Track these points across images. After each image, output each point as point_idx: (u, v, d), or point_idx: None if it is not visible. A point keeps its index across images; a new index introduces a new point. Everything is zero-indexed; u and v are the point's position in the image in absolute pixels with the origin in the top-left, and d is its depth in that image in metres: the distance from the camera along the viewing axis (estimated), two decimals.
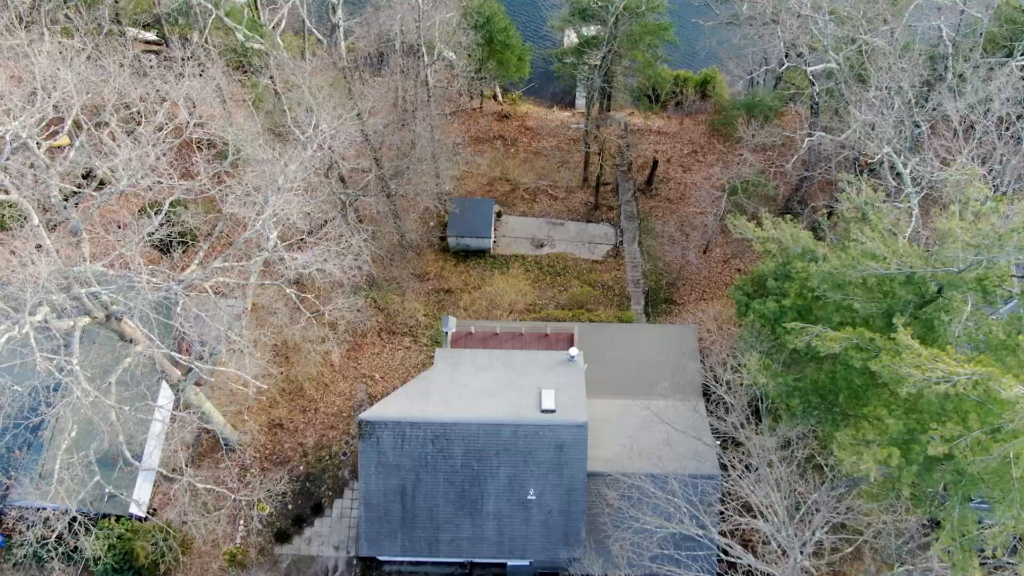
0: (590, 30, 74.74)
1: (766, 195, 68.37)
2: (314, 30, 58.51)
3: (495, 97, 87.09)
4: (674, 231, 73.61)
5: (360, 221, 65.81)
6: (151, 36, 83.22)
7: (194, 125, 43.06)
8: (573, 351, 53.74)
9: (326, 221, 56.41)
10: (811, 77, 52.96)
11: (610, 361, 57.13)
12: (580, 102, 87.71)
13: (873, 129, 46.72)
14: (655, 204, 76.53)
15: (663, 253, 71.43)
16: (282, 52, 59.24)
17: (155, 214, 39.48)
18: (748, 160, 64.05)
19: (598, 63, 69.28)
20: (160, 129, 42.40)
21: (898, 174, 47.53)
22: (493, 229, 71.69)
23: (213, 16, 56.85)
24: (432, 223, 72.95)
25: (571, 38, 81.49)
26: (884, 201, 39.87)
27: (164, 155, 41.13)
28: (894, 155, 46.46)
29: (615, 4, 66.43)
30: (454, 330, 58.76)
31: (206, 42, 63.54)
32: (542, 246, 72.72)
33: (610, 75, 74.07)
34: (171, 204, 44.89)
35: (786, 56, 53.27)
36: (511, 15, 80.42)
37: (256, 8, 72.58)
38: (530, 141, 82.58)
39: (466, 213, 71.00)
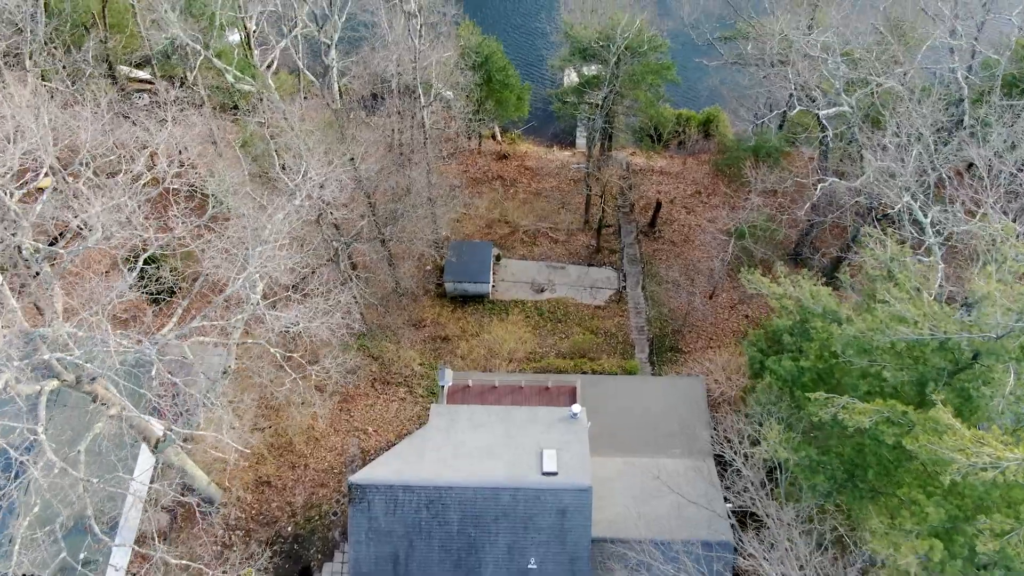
0: (591, 69, 72.21)
1: (774, 240, 65.30)
2: (306, 72, 55.75)
3: (494, 136, 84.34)
4: (679, 275, 70.43)
5: (354, 267, 62.65)
6: (144, 75, 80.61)
7: (173, 176, 39.97)
8: (576, 408, 50.35)
9: (314, 270, 53.32)
10: (823, 121, 50.10)
11: (614, 416, 53.70)
12: (581, 141, 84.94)
13: (893, 177, 43.70)
14: (659, 247, 73.44)
15: (668, 298, 68.17)
16: (273, 94, 56.41)
17: (128, 271, 36.23)
18: (756, 204, 60.98)
19: (599, 103, 66.54)
20: (137, 179, 39.31)
21: (918, 223, 44.49)
22: (492, 273, 68.54)
23: (202, 57, 54.06)
24: (429, 267, 69.76)
25: (571, 77, 78.92)
26: (910, 256, 36.68)
27: (140, 207, 37.97)
28: (914, 204, 43.41)
29: (616, 44, 63.90)
30: (450, 383, 55.37)
31: (194, 84, 60.86)
32: (542, 291, 69.52)
33: (611, 115, 71.35)
34: (148, 259, 41.70)
35: (796, 100, 50.48)
36: (509, 54, 77.90)
37: (248, 47, 69.98)
38: (530, 182, 79.69)
39: (464, 257, 67.87)
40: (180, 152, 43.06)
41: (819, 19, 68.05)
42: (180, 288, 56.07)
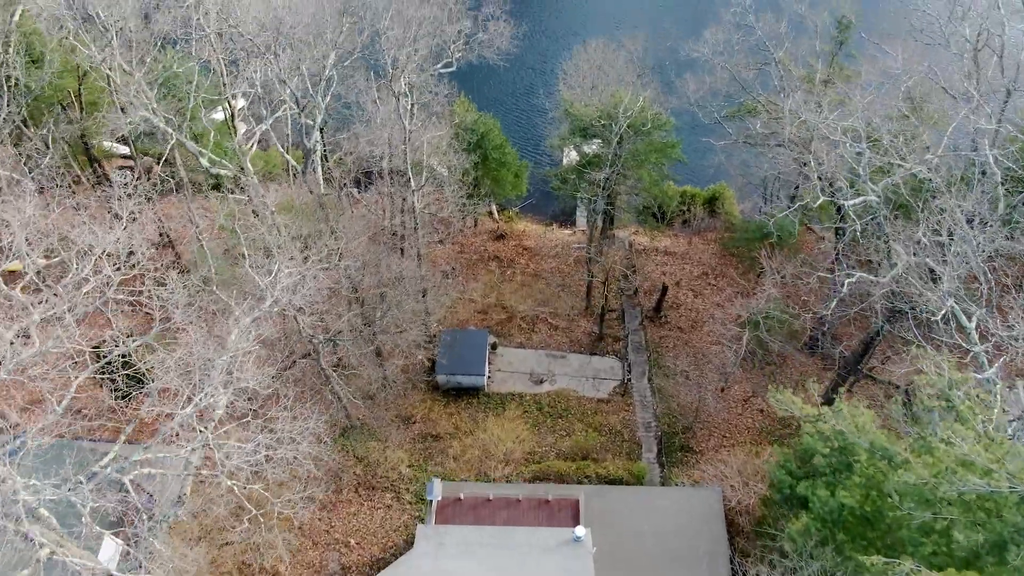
0: (591, 147, 67.31)
1: (791, 331, 59.45)
2: (288, 157, 50.61)
3: (491, 215, 79.19)
4: (687, 365, 64.34)
5: (338, 362, 56.75)
6: (125, 150, 75.83)
7: (119, 283, 34.34)
8: (579, 530, 43.94)
9: (288, 366, 47.32)
10: (848, 211, 44.71)
11: (622, 535, 47.23)
12: (581, 220, 79.79)
13: (933, 278, 38.05)
14: (665, 334, 67.54)
15: (676, 391, 61.97)
16: (251, 178, 51.22)
17: (58, 403, 30.31)
18: (771, 295, 55.25)
19: (601, 184, 61.36)
20: (80, 286, 33.65)
21: (961, 327, 38.70)
22: (488, 363, 62.56)
23: (174, 140, 48.95)
24: (420, 356, 63.69)
25: (571, 156, 74.02)
26: (972, 383, 30.69)
27: (79, 320, 32.24)
28: (957, 307, 37.69)
29: (619, 123, 59.04)
30: (439, 498, 49.00)
31: (173, 162, 55.89)
32: (542, 382, 63.41)
33: (613, 195, 66.20)
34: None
35: (820, 190, 45.07)
36: (507, 130, 73.16)
37: (231, 126, 65.15)
38: (528, 263, 74.20)
39: (457, 347, 61.96)
40: (130, 254, 37.53)
41: (834, 98, 63.51)
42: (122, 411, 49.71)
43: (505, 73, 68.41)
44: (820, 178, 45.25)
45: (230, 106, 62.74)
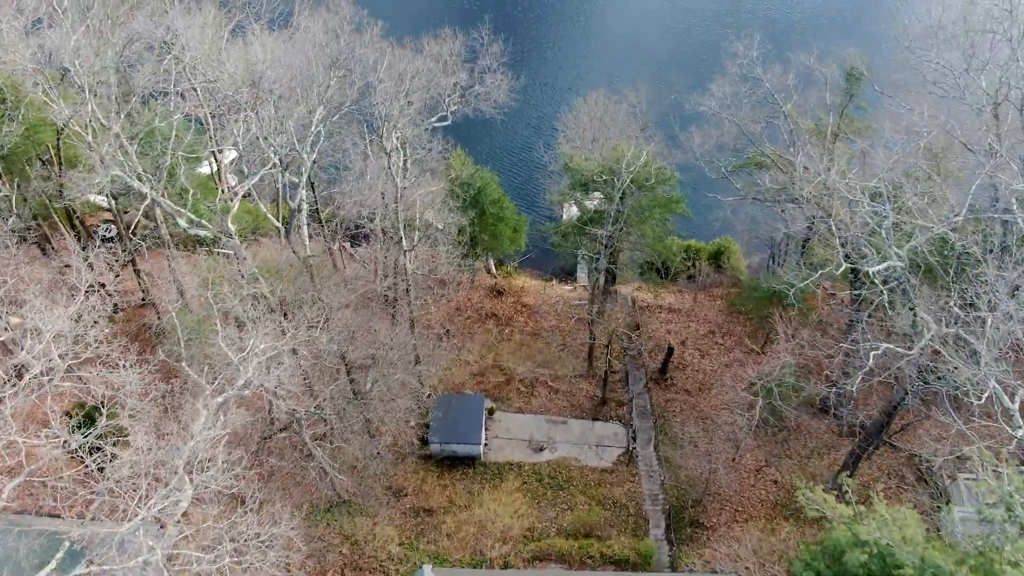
0: (592, 202, 63.72)
1: (807, 400, 55.25)
2: (270, 216, 46.85)
3: (488, 270, 75.41)
4: (695, 431, 59.96)
5: (324, 434, 52.41)
6: (103, 202, 72.05)
7: (62, 375, 30.25)
8: None
9: (267, 437, 42.99)
10: (874, 279, 40.79)
11: None
12: (582, 275, 76.05)
13: (976, 361, 34.01)
14: (671, 397, 63.26)
15: (685, 461, 57.48)
16: (234, 239, 47.44)
17: None
18: (785, 362, 51.11)
19: (603, 242, 57.63)
20: (21, 374, 29.55)
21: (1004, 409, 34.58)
22: (484, 430, 58.25)
23: (147, 200, 45.28)
24: (412, 423, 59.37)
25: (571, 212, 70.47)
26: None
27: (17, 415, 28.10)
28: (1000, 389, 33.63)
29: (621, 177, 55.50)
30: None
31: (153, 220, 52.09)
32: (542, 450, 58.94)
33: (616, 252, 62.48)
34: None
35: (843, 257, 41.15)
36: (505, 184, 69.81)
37: (217, 181, 61.73)
38: (527, 320, 70.19)
39: (452, 413, 57.64)
40: (74, 342, 33.33)
41: (845, 151, 60.12)
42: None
43: (503, 126, 65.31)
44: (843, 244, 41.36)
45: (216, 160, 59.42)
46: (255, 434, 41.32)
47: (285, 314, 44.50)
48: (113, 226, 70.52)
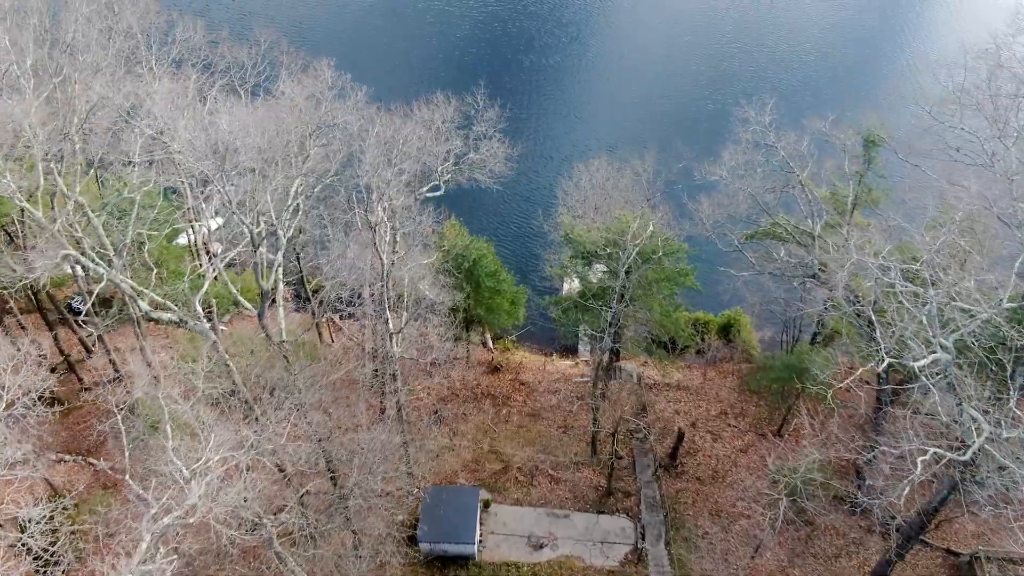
0: (595, 274, 58.87)
1: (835, 496, 49.49)
2: (239, 297, 41.76)
3: (484, 344, 70.17)
4: (709, 524, 54.04)
5: (299, 536, 46.43)
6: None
7: None
8: None
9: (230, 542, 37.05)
10: (919, 373, 35.47)
11: None
12: (583, 349, 70.75)
13: None
14: (682, 486, 57.34)
15: (699, 562, 51.37)
16: (201, 323, 42.29)
17: None
18: (811, 458, 45.45)
19: (608, 320, 52.56)
20: None
21: None
22: (479, 525, 52.31)
23: (104, 283, 40.28)
24: (400, 517, 53.32)
25: (573, 283, 65.57)
26: None
27: None
28: None
29: (627, 251, 50.71)
30: None
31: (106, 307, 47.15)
32: (541, 547, 52.86)
33: (621, 328, 57.31)
34: None
35: (885, 352, 35.76)
36: (502, 254, 65.08)
37: (195, 255, 56.93)
38: (525, 399, 64.62)
39: (443, 508, 51.74)
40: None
41: (863, 222, 55.50)
42: None
43: (499, 195, 60.82)
44: (891, 337, 35.99)
45: (193, 231, 54.74)
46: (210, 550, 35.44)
47: (253, 410, 39.12)
48: (82, 299, 65.43)
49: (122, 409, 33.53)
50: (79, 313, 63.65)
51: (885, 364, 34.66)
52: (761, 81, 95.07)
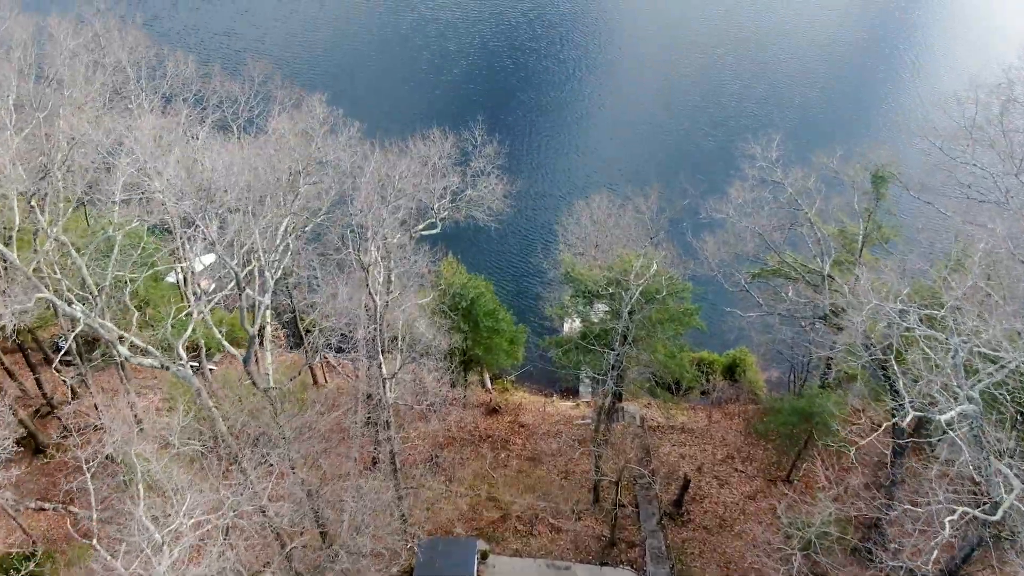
0: (596, 314, 56.60)
1: (853, 549, 46.70)
2: (224, 342, 39.43)
3: (483, 384, 67.67)
4: None
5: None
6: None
7: None
8: None
9: None
10: (944, 427, 33.14)
11: None
12: (584, 390, 68.23)
13: None
14: (689, 535, 54.50)
15: None
16: (184, 369, 39.90)
17: None
18: (827, 512, 42.78)
19: (611, 363, 50.16)
20: None
21: None
22: None
23: (80, 326, 37.96)
24: (395, 570, 50.51)
25: (574, 322, 63.25)
26: None
27: None
28: None
29: (630, 291, 48.50)
30: None
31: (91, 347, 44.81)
32: None
33: (623, 370, 54.90)
34: None
35: (910, 405, 33.31)
36: (500, 292, 62.87)
37: (183, 296, 54.64)
38: (524, 443, 61.96)
39: (439, 560, 48.84)
40: None
41: (870, 259, 53.38)
42: None
43: (497, 232, 58.76)
44: (918, 394, 33.51)
45: (181, 270, 52.58)
46: None
47: (238, 462, 36.56)
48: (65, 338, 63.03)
49: (91, 467, 31.03)
50: (60, 351, 61.30)
51: (910, 417, 32.16)
52: (766, 117, 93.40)
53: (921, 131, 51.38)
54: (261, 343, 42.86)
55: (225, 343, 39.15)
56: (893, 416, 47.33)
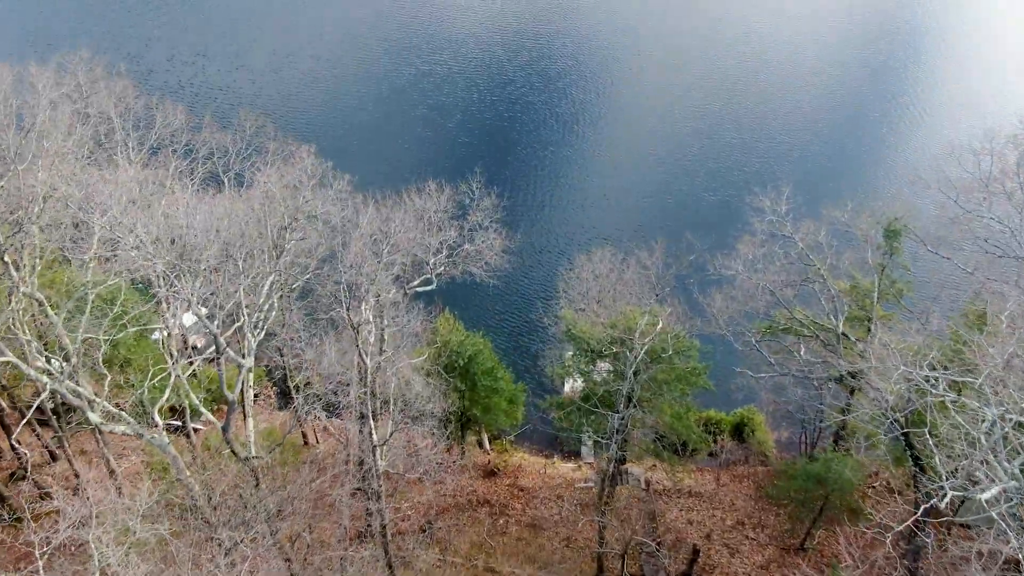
0: (599, 374, 53.60)
1: None
2: (203, 409, 36.45)
3: (480, 444, 64.32)
4: None
5: None
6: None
7: None
8: None
9: None
10: (984, 505, 30.08)
11: None
12: (586, 451, 64.81)
13: None
14: None
15: None
16: (159, 437, 36.88)
17: None
18: None
19: (614, 426, 47.04)
20: None
21: None
22: None
23: (47, 391, 35.07)
24: None
25: (576, 384, 60.21)
26: None
27: None
28: None
29: (635, 350, 45.62)
30: None
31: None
32: None
33: (628, 433, 51.69)
34: None
35: (950, 486, 30.22)
36: (498, 349, 59.94)
37: (169, 354, 51.72)
38: (524, 507, 58.36)
39: None
40: None
41: (885, 315, 50.74)
42: None
43: (495, 288, 56.13)
44: (957, 473, 30.46)
45: (165, 328, 49.72)
46: None
47: (214, 538, 33.31)
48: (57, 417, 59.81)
49: (45, 554, 27.78)
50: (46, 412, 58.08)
51: (949, 498, 29.06)
52: (771, 169, 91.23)
53: (935, 183, 49.10)
54: (243, 410, 39.83)
55: (203, 409, 36.17)
56: (916, 487, 44.19)
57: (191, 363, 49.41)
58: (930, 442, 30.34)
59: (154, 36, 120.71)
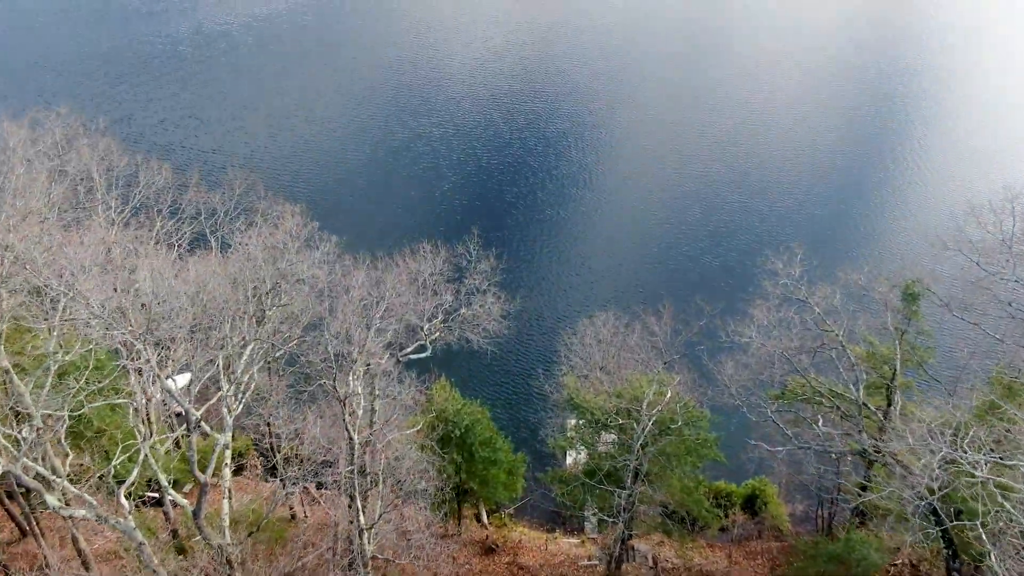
0: (604, 445, 50.07)
1: None
2: (173, 492, 32.82)
3: (478, 518, 60.14)
4: None
5: None
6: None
7: None
8: None
9: None
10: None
11: None
12: (589, 525, 60.61)
13: None
14: None
15: None
16: (125, 521, 33.13)
17: None
18: None
19: (621, 505, 43.30)
20: None
21: None
22: None
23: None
24: None
25: (579, 455, 56.48)
26: None
27: None
28: None
29: (643, 422, 42.25)
30: None
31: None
32: None
33: (634, 511, 47.90)
34: None
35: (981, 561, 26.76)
36: (496, 418, 56.24)
37: (147, 421, 48.21)
38: None
39: None
40: None
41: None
42: None
43: (493, 354, 52.87)
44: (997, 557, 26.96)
45: (139, 397, 46.19)
46: None
47: None
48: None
49: None
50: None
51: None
52: (782, 230, 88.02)
53: (954, 243, 46.41)
54: (218, 487, 36.17)
55: (171, 492, 32.52)
56: (948, 571, 40.32)
57: (172, 432, 45.83)
58: (983, 535, 26.73)
59: (150, 97, 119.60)
